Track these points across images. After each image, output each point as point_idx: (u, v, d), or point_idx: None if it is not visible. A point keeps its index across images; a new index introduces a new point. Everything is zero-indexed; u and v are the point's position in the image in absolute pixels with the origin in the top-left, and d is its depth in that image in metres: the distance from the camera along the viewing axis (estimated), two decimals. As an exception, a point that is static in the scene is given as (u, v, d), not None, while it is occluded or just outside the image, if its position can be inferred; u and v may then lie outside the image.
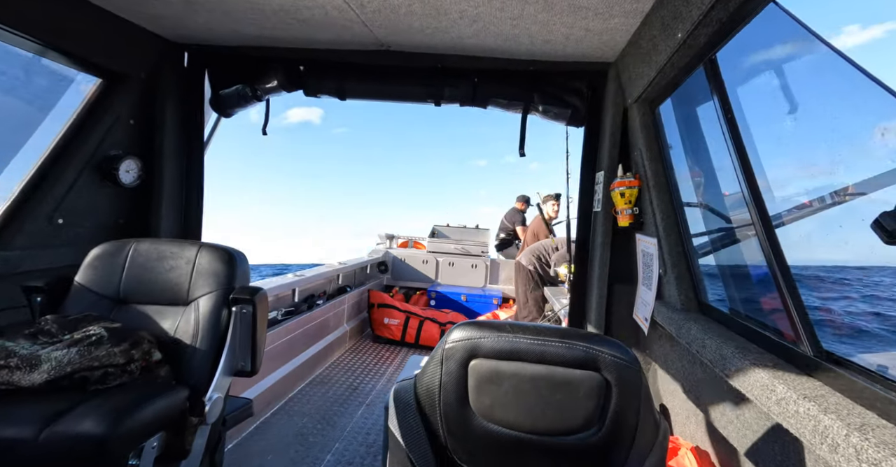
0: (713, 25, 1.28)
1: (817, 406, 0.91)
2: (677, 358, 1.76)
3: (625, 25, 1.79)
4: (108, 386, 1.32)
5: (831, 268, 5.10)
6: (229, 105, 2.54)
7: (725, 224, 1.73)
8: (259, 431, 2.61)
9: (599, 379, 0.80)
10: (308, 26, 2.05)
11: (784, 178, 1.38)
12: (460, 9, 1.76)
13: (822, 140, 1.33)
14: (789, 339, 1.20)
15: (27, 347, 1.29)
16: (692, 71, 1.56)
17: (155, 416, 1.27)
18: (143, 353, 1.42)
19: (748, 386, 1.15)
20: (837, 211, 1.28)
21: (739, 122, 1.38)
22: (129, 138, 2.24)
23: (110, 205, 2.19)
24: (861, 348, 3.43)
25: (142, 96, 2.27)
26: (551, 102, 2.37)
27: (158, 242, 1.71)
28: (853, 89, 1.10)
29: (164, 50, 2.30)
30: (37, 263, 1.87)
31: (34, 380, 1.23)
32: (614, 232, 2.26)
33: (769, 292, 1.31)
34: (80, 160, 2.01)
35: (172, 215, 2.38)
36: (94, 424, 1.12)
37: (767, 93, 1.43)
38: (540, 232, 5.17)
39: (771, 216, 1.30)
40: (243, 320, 1.57)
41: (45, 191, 1.90)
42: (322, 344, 3.80)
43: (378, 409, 3.01)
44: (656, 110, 1.99)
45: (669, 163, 1.96)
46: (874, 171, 1.20)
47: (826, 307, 4.59)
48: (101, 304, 1.62)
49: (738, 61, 1.40)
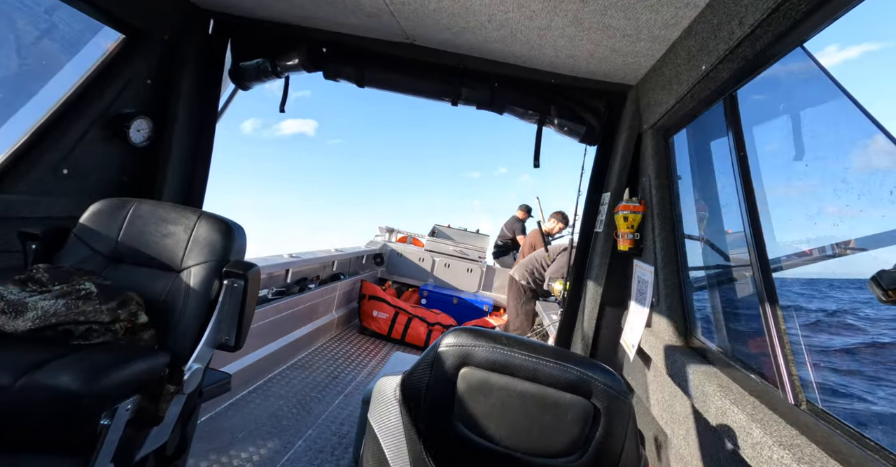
0: (738, 62, 1.28)
1: (791, 455, 0.90)
2: (659, 389, 1.76)
3: (650, 50, 1.79)
4: (90, 343, 1.32)
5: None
6: (248, 78, 2.54)
7: (724, 261, 1.73)
8: (234, 407, 2.61)
9: (588, 406, 0.79)
10: (336, 9, 2.06)
11: (787, 223, 1.38)
12: (490, 12, 1.77)
13: (830, 190, 1.33)
14: (772, 384, 1.20)
15: (15, 293, 1.30)
16: (711, 104, 1.56)
17: (132, 378, 1.27)
18: (129, 314, 1.42)
19: (725, 426, 1.15)
20: (835, 262, 1.28)
21: (751, 162, 1.37)
22: (144, 98, 2.24)
23: (117, 162, 2.20)
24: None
25: (162, 58, 2.27)
26: (568, 117, 2.38)
27: (159, 205, 1.71)
28: (870, 144, 1.10)
29: (190, 14, 2.31)
30: (36, 210, 1.87)
31: (18, 327, 1.24)
32: (613, 254, 2.26)
33: (758, 335, 1.30)
34: (93, 114, 2.01)
35: (177, 180, 2.39)
36: (71, 378, 1.12)
37: (782, 136, 1.42)
38: (537, 243, 5.16)
39: (770, 259, 1.30)
40: (233, 294, 1.58)
41: (54, 140, 1.90)
42: (308, 328, 3.80)
43: (355, 401, 3.01)
44: (670, 139, 1.99)
45: (676, 193, 1.96)
46: (879, 228, 1.20)
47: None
48: (95, 260, 1.62)
49: (757, 100, 1.40)
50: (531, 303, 4.40)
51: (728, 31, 1.24)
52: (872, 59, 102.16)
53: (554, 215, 5.27)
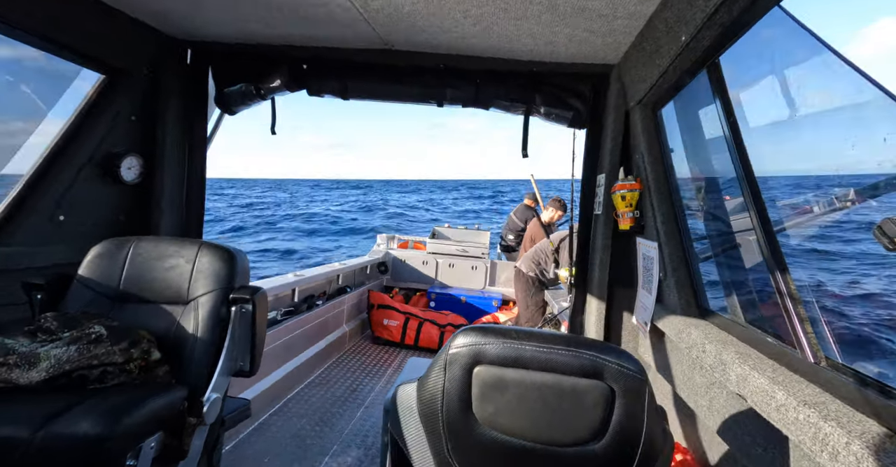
0: (717, 29, 1.27)
1: (818, 413, 0.90)
2: (677, 363, 1.76)
3: (628, 27, 1.79)
4: (106, 386, 1.31)
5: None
6: (234, 103, 2.53)
7: (726, 228, 1.73)
8: (257, 432, 2.60)
9: (605, 388, 0.79)
10: (311, 24, 2.05)
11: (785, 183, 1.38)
12: (464, 8, 1.76)
13: (824, 145, 1.33)
14: (789, 345, 1.20)
15: (26, 345, 1.28)
16: (695, 74, 1.56)
17: (153, 416, 1.27)
18: (141, 352, 1.41)
19: (748, 391, 1.15)
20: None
21: (741, 125, 1.37)
22: (131, 135, 2.23)
23: (111, 202, 2.19)
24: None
25: (144, 93, 2.26)
26: (553, 104, 2.37)
27: (159, 240, 1.71)
28: (857, 94, 1.09)
29: (167, 46, 2.30)
30: (37, 260, 1.86)
31: (32, 379, 1.23)
32: (615, 235, 2.26)
33: (770, 298, 1.30)
34: (82, 157, 2.01)
35: (173, 213, 2.38)
36: (91, 424, 1.11)
37: (770, 96, 1.42)
38: (537, 235, 5.15)
39: (772, 220, 1.30)
40: (243, 320, 1.57)
41: (47, 187, 1.90)
42: (321, 344, 3.79)
43: (377, 411, 3.00)
44: (658, 113, 1.99)
45: (671, 166, 1.95)
46: (876, 177, 1.20)
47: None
48: (101, 302, 1.62)
49: (741, 64, 1.40)
50: (540, 293, 4.40)
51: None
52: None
53: (551, 203, 5.26)
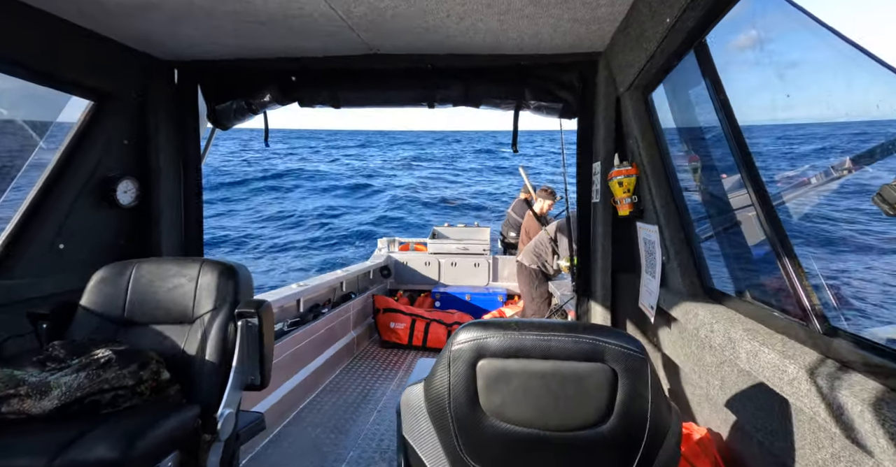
0: (701, 8, 1.27)
1: (830, 383, 0.90)
2: (685, 345, 1.76)
3: (612, 14, 1.78)
4: (118, 409, 1.31)
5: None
6: (226, 119, 2.53)
7: (726, 207, 1.73)
8: (273, 444, 2.60)
9: (607, 370, 0.80)
10: (296, 35, 2.04)
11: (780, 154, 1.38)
12: (447, 7, 1.75)
13: (818, 116, 1.33)
14: (797, 318, 1.20)
15: (36, 375, 1.28)
16: (683, 55, 1.56)
17: (168, 436, 1.27)
18: (151, 374, 1.41)
19: (759, 367, 1.15)
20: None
21: (733, 103, 1.37)
22: (125, 158, 2.23)
23: (110, 226, 2.19)
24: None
25: (134, 116, 2.26)
26: (543, 97, 2.37)
27: (160, 261, 1.70)
28: (846, 63, 1.09)
29: (153, 68, 2.30)
30: (40, 290, 1.86)
31: (45, 408, 1.22)
32: (615, 222, 2.25)
33: (774, 273, 1.30)
34: (78, 183, 2.00)
35: (172, 233, 2.38)
36: (107, 449, 1.11)
37: (760, 71, 1.42)
38: (531, 228, 5.15)
39: (770, 196, 1.30)
40: (250, 333, 1.57)
41: (45, 217, 1.89)
42: (330, 352, 3.79)
43: (390, 414, 3.01)
44: (649, 97, 1.99)
45: (665, 149, 1.95)
46: (871, 145, 1.20)
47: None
48: (106, 327, 1.62)
49: (728, 42, 1.40)
50: (544, 285, 4.40)
51: None
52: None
53: (540, 193, 5.25)
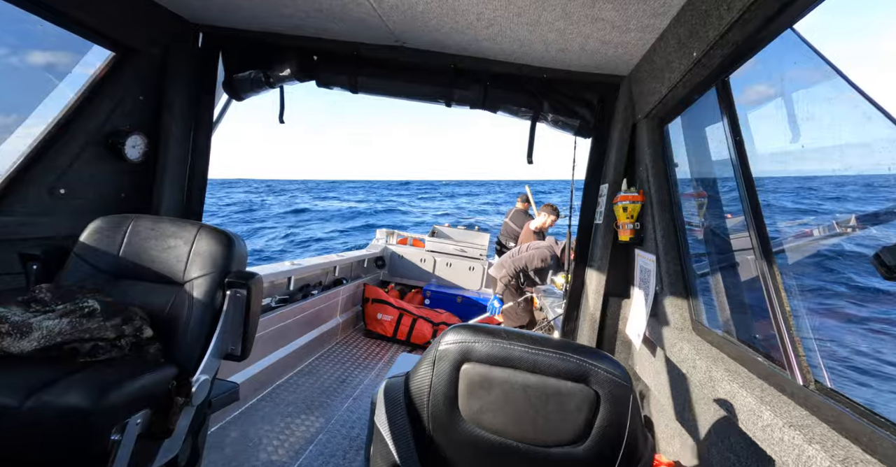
0: (729, 47, 1.28)
1: (802, 435, 0.91)
2: (666, 376, 1.76)
3: (641, 40, 1.79)
4: (96, 360, 1.32)
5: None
6: (242, 89, 2.54)
7: (725, 246, 1.73)
8: (244, 416, 2.61)
9: (590, 393, 0.80)
10: (325, 17, 2.05)
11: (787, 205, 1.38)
12: (478, 10, 1.76)
13: (829, 170, 1.33)
14: (780, 366, 1.20)
15: (19, 314, 1.29)
16: (704, 91, 1.56)
17: (141, 393, 1.28)
18: (134, 329, 1.42)
19: (735, 409, 1.15)
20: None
21: (747, 146, 1.37)
22: (138, 114, 2.24)
23: (114, 179, 2.20)
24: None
25: (153, 73, 2.27)
26: (561, 112, 2.37)
27: (158, 220, 1.71)
28: (865, 122, 1.10)
29: (179, 29, 2.31)
30: (35, 231, 1.87)
31: (23, 348, 1.24)
32: (614, 245, 2.26)
33: (763, 318, 1.31)
34: (87, 132, 2.01)
35: (174, 194, 2.39)
36: (79, 396, 1.12)
37: (778, 118, 1.43)
38: (527, 241, 5.14)
39: (771, 240, 1.30)
40: (237, 304, 1.58)
41: (50, 160, 1.90)
42: (314, 334, 3.80)
43: (364, 404, 3.02)
44: (665, 127, 1.99)
45: (674, 181, 1.96)
46: (879, 206, 1.20)
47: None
48: (96, 277, 1.62)
49: (751, 85, 1.40)
50: (524, 294, 4.43)
51: (717, 16, 1.24)
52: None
53: (544, 209, 5.23)
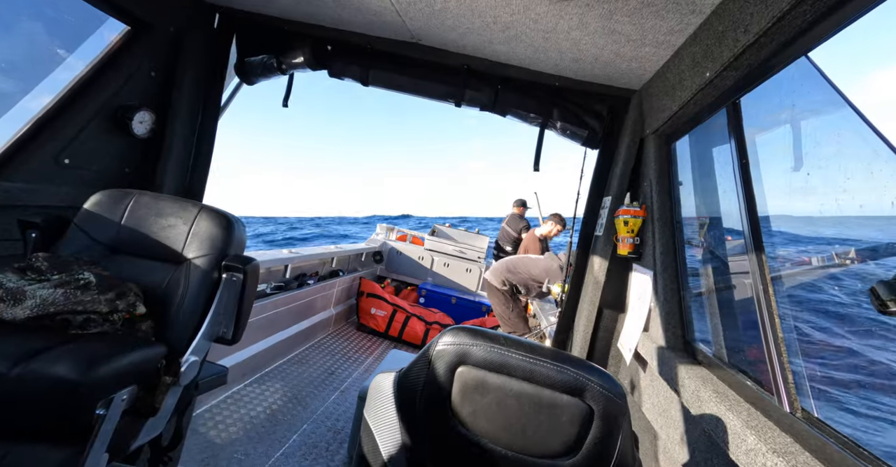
0: (742, 69, 1.28)
1: (785, 462, 0.91)
2: (654, 393, 1.76)
3: (655, 56, 1.79)
4: (87, 332, 1.32)
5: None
6: (253, 73, 2.54)
7: (723, 268, 1.73)
8: (230, 400, 2.62)
9: (584, 408, 0.79)
10: (342, 7, 2.06)
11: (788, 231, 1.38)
12: (495, 13, 1.77)
13: (832, 201, 1.33)
14: (768, 391, 1.20)
15: (14, 281, 1.30)
16: (714, 111, 1.56)
17: (129, 369, 1.28)
18: (127, 305, 1.42)
19: (720, 431, 1.15)
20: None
21: (752, 169, 1.38)
22: (148, 90, 2.24)
23: (119, 153, 2.20)
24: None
25: (167, 50, 2.27)
26: (570, 121, 2.38)
27: (160, 198, 1.71)
28: (872, 156, 1.09)
29: (196, 7, 2.31)
30: (37, 199, 1.87)
31: (16, 315, 1.24)
32: (612, 258, 2.26)
33: (755, 342, 1.31)
34: (96, 104, 2.01)
35: (178, 173, 2.39)
36: (68, 368, 1.12)
37: (785, 145, 1.43)
38: (531, 248, 5.13)
39: (770, 267, 1.30)
40: (232, 288, 1.58)
41: (57, 129, 1.90)
42: (306, 324, 3.81)
43: (351, 397, 3.02)
44: (672, 145, 1.99)
45: (677, 199, 1.96)
46: (878, 241, 1.20)
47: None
48: (94, 250, 1.63)
49: (761, 109, 1.40)
50: (517, 304, 4.40)
51: (733, 38, 1.24)
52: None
53: (551, 217, 5.23)
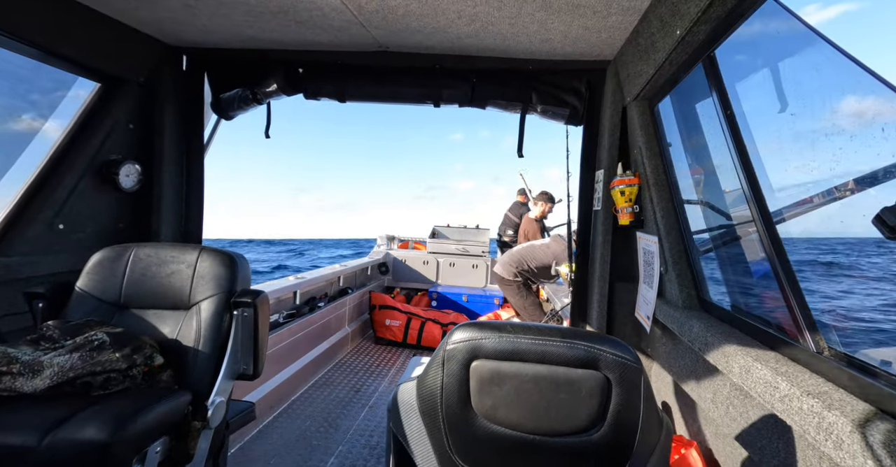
0: (712, 22, 1.27)
1: (821, 402, 0.90)
2: (679, 357, 1.76)
3: (623, 23, 1.79)
4: (110, 392, 1.32)
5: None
6: (230, 108, 2.54)
7: (726, 221, 1.73)
8: (262, 434, 2.60)
9: (601, 378, 0.80)
10: (306, 28, 2.05)
11: (784, 174, 1.38)
12: (458, 8, 1.76)
13: (821, 135, 1.33)
14: (792, 336, 1.20)
15: (29, 353, 1.29)
16: (691, 68, 1.56)
17: (158, 421, 1.27)
18: (145, 358, 1.41)
19: (751, 383, 1.15)
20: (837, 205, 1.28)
21: (738, 119, 1.37)
22: (129, 142, 2.24)
23: (111, 209, 2.19)
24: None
25: (141, 100, 2.26)
26: (550, 102, 2.37)
27: (159, 246, 1.71)
28: (853, 84, 1.09)
29: (162, 53, 2.30)
30: (38, 269, 1.87)
31: (36, 386, 1.23)
32: (615, 230, 2.26)
33: (771, 289, 1.30)
34: (81, 165, 2.01)
35: (173, 219, 2.38)
36: (96, 430, 1.11)
37: (767, 89, 1.42)
38: (530, 230, 5.12)
39: (771, 212, 1.30)
40: (245, 323, 1.57)
41: (46, 196, 1.90)
42: (324, 346, 3.80)
43: (381, 411, 3.01)
44: (655, 108, 1.99)
45: (669, 160, 1.96)
46: (875, 166, 1.20)
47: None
48: (102, 310, 1.62)
49: (736, 57, 1.40)
50: (532, 293, 4.40)
51: None
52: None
53: (538, 197, 5.21)
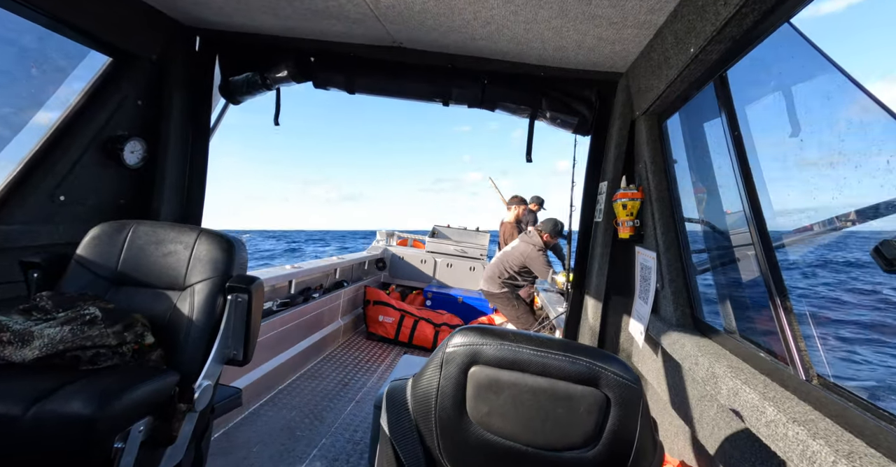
0: (726, 42, 1.28)
1: (806, 430, 0.90)
2: (669, 374, 1.76)
3: (638, 37, 1.79)
4: (98, 367, 1.32)
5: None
6: (239, 92, 2.54)
7: (725, 242, 1.73)
8: (247, 421, 2.61)
9: (600, 397, 0.79)
10: (322, 18, 2.05)
11: (787, 199, 1.38)
12: (474, 9, 1.76)
13: (827, 163, 1.33)
14: (782, 361, 1.20)
15: (20, 323, 1.29)
16: (702, 86, 1.56)
17: (143, 400, 1.27)
18: (135, 336, 1.42)
19: (738, 406, 1.15)
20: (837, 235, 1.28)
21: (745, 141, 1.37)
22: (136, 119, 2.23)
23: (113, 185, 2.19)
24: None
25: (151, 78, 2.26)
26: (559, 109, 2.37)
27: (158, 225, 1.71)
28: (862, 114, 1.09)
29: (176, 32, 2.30)
30: (36, 239, 1.86)
31: (25, 356, 1.23)
32: (614, 243, 2.26)
33: (765, 313, 1.30)
34: (86, 138, 2.01)
35: (174, 199, 2.38)
36: (82, 404, 1.12)
37: (776, 113, 1.43)
38: (507, 234, 5.12)
39: (771, 236, 1.30)
40: (238, 309, 1.57)
41: (49, 167, 1.90)
42: (315, 337, 3.80)
43: (367, 406, 3.01)
44: (664, 124, 1.99)
45: (673, 177, 1.96)
46: (878, 199, 1.20)
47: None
48: (97, 284, 1.62)
49: (748, 79, 1.40)
50: (523, 301, 4.39)
51: (714, 12, 1.24)
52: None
53: (511, 201, 5.16)
